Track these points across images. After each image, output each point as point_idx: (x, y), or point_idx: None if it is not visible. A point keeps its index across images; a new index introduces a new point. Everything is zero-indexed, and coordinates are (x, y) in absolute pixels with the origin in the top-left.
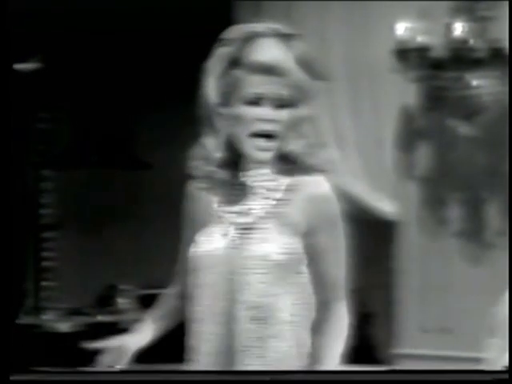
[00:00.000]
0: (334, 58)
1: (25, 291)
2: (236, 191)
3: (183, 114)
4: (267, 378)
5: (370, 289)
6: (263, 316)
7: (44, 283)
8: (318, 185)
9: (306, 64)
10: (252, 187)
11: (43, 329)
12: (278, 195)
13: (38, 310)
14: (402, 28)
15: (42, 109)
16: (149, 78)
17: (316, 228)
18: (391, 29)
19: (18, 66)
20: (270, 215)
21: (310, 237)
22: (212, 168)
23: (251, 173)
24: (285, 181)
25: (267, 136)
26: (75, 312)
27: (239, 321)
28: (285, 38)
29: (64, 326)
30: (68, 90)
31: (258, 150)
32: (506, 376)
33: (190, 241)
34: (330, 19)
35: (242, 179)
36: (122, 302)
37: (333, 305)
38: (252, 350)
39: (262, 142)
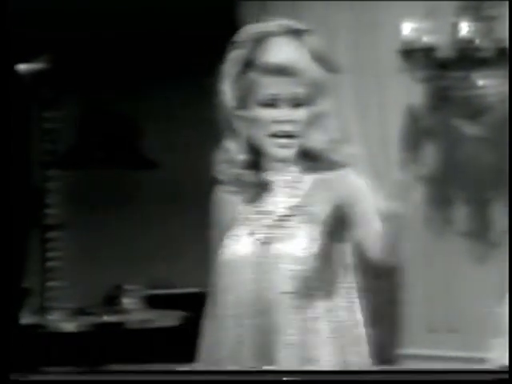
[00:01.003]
0: (340, 58)
1: (29, 291)
2: (262, 191)
3: (191, 115)
4: (270, 378)
5: (375, 288)
6: (292, 312)
7: (49, 283)
8: (343, 177)
9: (320, 57)
10: (277, 186)
11: (49, 329)
12: (303, 192)
13: (43, 309)
14: (407, 28)
15: (48, 108)
16: (155, 78)
17: (346, 206)
18: (397, 29)
19: (23, 66)
20: (296, 212)
21: (342, 221)
22: (237, 170)
23: (275, 172)
24: (309, 177)
25: (287, 136)
26: (81, 312)
27: (268, 320)
28: (297, 34)
29: (70, 326)
30: (74, 89)
31: (279, 148)
32: (506, 376)
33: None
34: (336, 19)
35: (267, 179)
36: (127, 301)
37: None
38: (283, 350)
39: (282, 140)
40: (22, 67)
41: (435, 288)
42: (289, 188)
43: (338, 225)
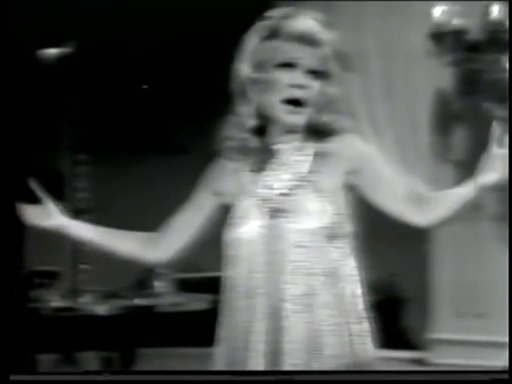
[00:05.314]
0: (371, 43)
1: (59, 274)
2: (267, 162)
3: (216, 100)
4: (271, 378)
5: (405, 274)
6: (305, 285)
7: (81, 266)
8: (349, 143)
9: (339, 55)
10: (283, 158)
11: (80, 312)
12: (310, 164)
13: (75, 292)
14: (438, 11)
15: (77, 94)
16: (182, 68)
17: (358, 171)
18: (426, 11)
19: (50, 52)
20: (303, 184)
21: (356, 184)
22: (245, 135)
23: (282, 143)
24: (315, 151)
25: (299, 103)
26: (112, 295)
27: (281, 297)
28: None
29: (101, 309)
30: (103, 74)
31: (289, 114)
32: (506, 376)
33: (204, 209)
34: (367, 4)
35: (273, 148)
36: (158, 285)
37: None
38: (296, 323)
39: (293, 107)
40: (49, 53)
41: (464, 273)
42: (295, 161)
43: (348, 194)
